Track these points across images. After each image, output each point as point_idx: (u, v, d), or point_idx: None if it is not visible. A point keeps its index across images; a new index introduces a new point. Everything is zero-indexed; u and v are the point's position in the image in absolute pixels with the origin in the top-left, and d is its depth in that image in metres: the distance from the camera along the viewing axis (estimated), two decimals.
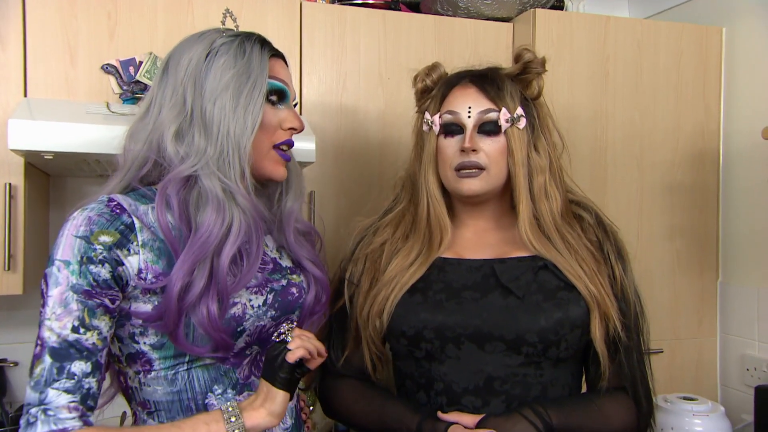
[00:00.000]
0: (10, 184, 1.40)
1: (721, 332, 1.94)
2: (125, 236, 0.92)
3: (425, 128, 1.21)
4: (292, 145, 1.07)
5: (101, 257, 0.90)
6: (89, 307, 0.89)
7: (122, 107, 1.41)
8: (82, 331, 0.88)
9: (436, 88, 1.22)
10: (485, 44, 1.79)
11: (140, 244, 0.93)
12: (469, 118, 1.14)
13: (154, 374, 0.97)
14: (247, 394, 1.01)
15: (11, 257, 1.41)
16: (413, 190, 1.23)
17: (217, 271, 0.94)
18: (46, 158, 1.31)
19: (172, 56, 1.02)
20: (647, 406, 1.16)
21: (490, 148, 1.14)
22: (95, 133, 1.28)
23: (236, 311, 0.97)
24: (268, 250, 1.08)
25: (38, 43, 1.45)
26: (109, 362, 0.98)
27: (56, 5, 1.46)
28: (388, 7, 1.81)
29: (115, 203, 0.93)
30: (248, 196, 0.98)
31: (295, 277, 1.08)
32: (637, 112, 1.86)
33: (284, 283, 1.06)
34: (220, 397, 0.99)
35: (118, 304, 0.93)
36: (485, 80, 1.17)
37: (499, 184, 1.16)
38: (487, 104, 1.14)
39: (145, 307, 0.94)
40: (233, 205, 0.96)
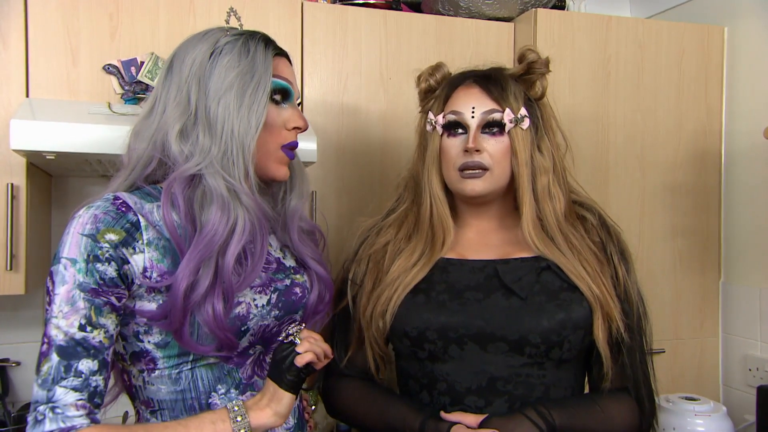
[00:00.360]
0: (12, 184, 1.40)
1: (723, 332, 1.94)
2: (131, 234, 0.92)
3: (429, 128, 1.21)
4: (296, 146, 1.07)
5: (108, 255, 0.90)
6: (96, 305, 0.89)
7: (124, 107, 1.42)
8: (89, 329, 0.88)
9: (439, 88, 1.22)
10: (486, 44, 1.79)
11: (145, 242, 0.93)
12: (472, 118, 1.14)
13: (158, 373, 0.97)
14: (250, 393, 1.01)
15: (13, 257, 1.41)
16: (416, 190, 1.23)
17: (222, 270, 0.94)
18: (47, 158, 1.31)
19: (176, 55, 1.02)
20: (650, 407, 1.16)
21: (493, 148, 1.14)
22: (97, 133, 1.28)
23: (240, 311, 0.97)
24: (271, 249, 1.08)
25: (40, 43, 1.45)
26: (113, 360, 0.98)
27: (58, 5, 1.46)
28: (389, 7, 1.81)
29: (120, 201, 0.93)
30: (252, 195, 0.98)
31: (298, 276, 1.08)
32: (638, 111, 1.86)
33: (288, 282, 1.06)
34: (223, 396, 0.99)
35: (124, 302, 0.93)
36: (489, 80, 1.17)
37: (502, 184, 1.16)
38: (490, 104, 1.14)
39: (149, 305, 0.94)
40: (238, 204, 0.96)
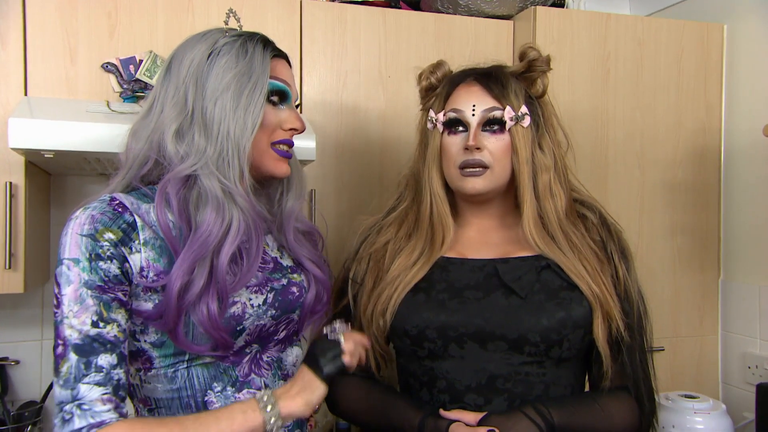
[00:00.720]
0: (10, 182, 1.40)
1: (722, 330, 1.94)
2: (128, 235, 0.92)
3: (429, 126, 1.20)
4: (291, 145, 1.07)
5: (109, 253, 0.90)
6: (104, 301, 0.89)
7: (122, 106, 1.42)
8: (101, 324, 0.88)
9: (440, 86, 1.21)
10: (486, 42, 1.79)
11: (142, 242, 0.93)
12: (473, 116, 1.14)
13: (154, 372, 0.97)
14: (246, 391, 1.01)
15: (12, 256, 1.41)
16: (417, 188, 1.23)
17: (216, 270, 0.94)
18: (46, 157, 1.31)
19: (175, 55, 1.02)
20: (650, 405, 1.15)
21: (494, 146, 1.13)
22: (95, 131, 1.28)
23: (236, 310, 0.97)
24: (268, 249, 1.08)
25: (38, 41, 1.45)
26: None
27: (56, 4, 1.46)
28: (388, 5, 1.81)
29: (117, 202, 0.93)
30: (247, 196, 0.98)
31: (295, 276, 1.08)
32: (638, 109, 1.86)
33: (284, 282, 1.06)
34: (219, 394, 0.99)
35: (128, 298, 0.93)
36: (490, 78, 1.16)
37: (503, 182, 1.16)
38: (491, 102, 1.14)
39: (146, 305, 0.94)
40: (232, 205, 0.96)
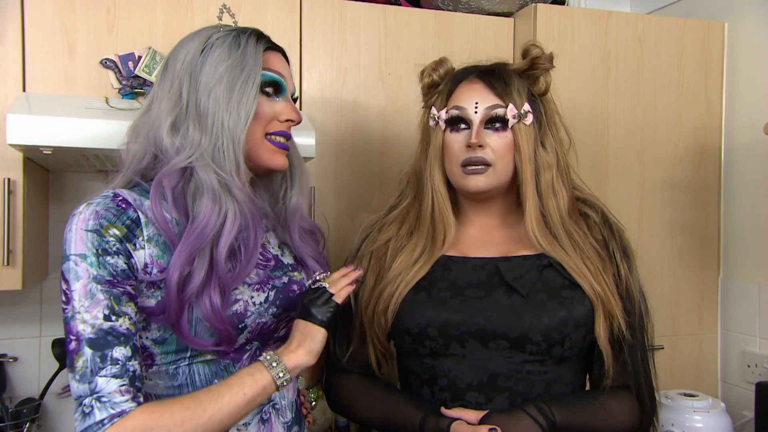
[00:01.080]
0: (8, 179, 1.40)
1: (722, 328, 1.94)
2: (131, 231, 0.92)
3: (431, 123, 1.20)
4: (288, 137, 1.07)
5: (115, 248, 0.90)
6: (114, 295, 0.89)
7: (121, 102, 1.41)
8: (113, 318, 0.88)
9: (443, 83, 1.21)
10: (486, 39, 1.78)
11: (146, 238, 0.93)
12: (475, 113, 1.13)
13: (155, 368, 0.97)
14: None
15: (10, 252, 1.41)
16: (418, 186, 1.23)
17: (216, 261, 0.94)
18: (44, 153, 1.30)
19: (172, 53, 1.03)
20: (651, 404, 1.15)
21: (496, 143, 1.13)
22: (94, 127, 1.28)
23: (238, 308, 0.97)
24: (270, 247, 1.08)
25: (37, 37, 1.44)
26: None
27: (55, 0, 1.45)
28: (388, 1, 1.80)
29: (120, 198, 0.93)
30: (243, 188, 0.98)
31: (296, 274, 1.08)
32: (638, 107, 1.85)
33: (286, 280, 1.06)
34: None
35: (135, 292, 0.93)
36: (492, 76, 1.16)
37: (505, 180, 1.15)
38: (494, 100, 1.14)
39: (149, 302, 0.94)
40: (229, 196, 0.96)
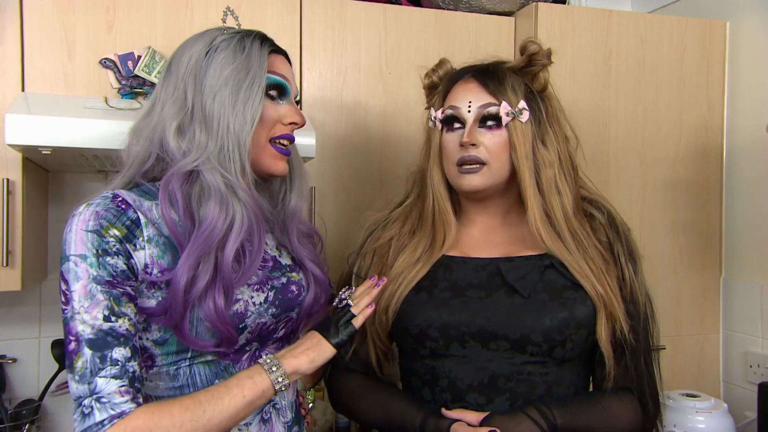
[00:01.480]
0: (7, 179, 1.39)
1: (723, 329, 1.93)
2: (131, 232, 0.92)
3: (430, 124, 1.21)
4: (292, 140, 1.07)
5: (115, 249, 0.90)
6: (114, 295, 0.89)
7: (120, 102, 1.40)
8: (113, 319, 0.88)
9: (442, 83, 1.21)
10: (487, 39, 1.78)
11: (146, 239, 0.93)
12: (469, 112, 1.13)
13: (156, 370, 0.97)
14: None
15: (9, 253, 1.40)
16: (422, 185, 1.23)
17: (221, 265, 0.94)
18: (43, 153, 1.30)
19: (175, 55, 1.03)
20: (654, 408, 1.14)
21: (490, 142, 1.13)
22: (93, 127, 1.27)
23: (238, 308, 0.97)
24: (268, 248, 1.08)
25: (36, 37, 1.44)
26: None
27: None
28: (388, 1, 1.79)
29: (120, 199, 0.93)
30: (249, 191, 0.98)
31: (294, 275, 1.08)
32: (639, 106, 1.85)
33: (284, 280, 1.06)
34: None
35: (135, 293, 0.93)
36: (487, 74, 1.16)
37: (501, 179, 1.15)
38: (487, 98, 1.13)
39: (149, 302, 0.93)
40: (235, 199, 0.96)
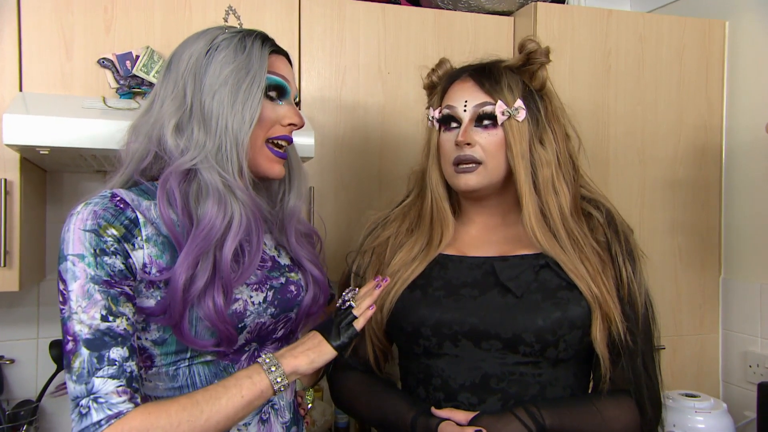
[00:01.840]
0: (5, 179, 1.39)
1: (723, 329, 1.93)
2: (130, 231, 0.91)
3: (429, 124, 1.21)
4: (290, 141, 1.07)
5: (113, 249, 0.89)
6: (112, 295, 0.88)
7: (119, 102, 1.40)
8: (111, 318, 0.88)
9: (440, 83, 1.21)
10: (486, 38, 1.77)
11: (144, 239, 0.92)
12: (464, 111, 1.13)
13: (155, 370, 0.97)
14: None
15: (7, 254, 1.40)
16: (422, 184, 1.23)
17: (220, 264, 0.94)
18: (41, 153, 1.29)
19: (175, 53, 1.02)
20: (653, 412, 1.12)
21: (486, 141, 1.12)
22: (91, 127, 1.27)
23: (237, 307, 0.97)
24: (266, 248, 1.07)
25: (34, 37, 1.43)
26: None
27: None
28: (387, 0, 1.79)
29: (118, 198, 0.93)
30: (246, 190, 0.98)
31: (293, 275, 1.08)
32: (639, 106, 1.84)
33: (283, 280, 1.06)
34: None
35: (133, 292, 0.92)
36: (483, 73, 1.16)
37: (497, 178, 1.14)
38: (483, 97, 1.13)
39: (148, 302, 0.93)
40: (233, 198, 0.96)
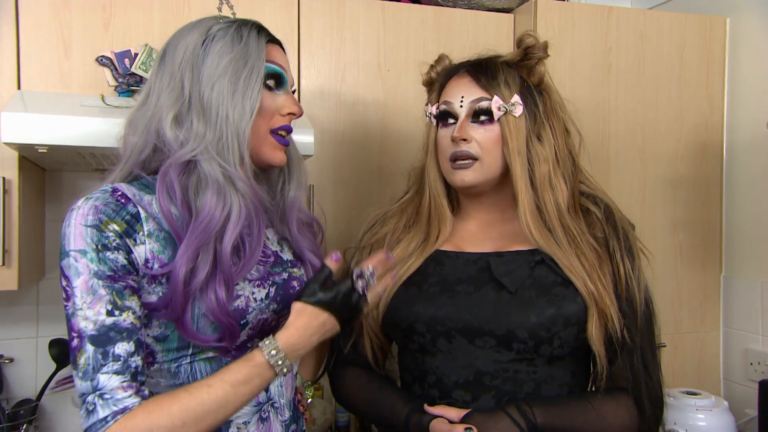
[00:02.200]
0: (4, 178, 1.38)
1: (724, 326, 1.93)
2: (131, 226, 0.91)
3: (427, 120, 1.20)
4: (290, 131, 1.06)
5: (115, 244, 0.89)
6: (116, 289, 0.88)
7: (117, 100, 1.40)
8: (117, 313, 0.87)
9: (438, 79, 1.21)
10: (486, 35, 1.77)
11: (146, 234, 0.92)
12: (461, 107, 1.13)
13: (156, 366, 0.97)
14: None
15: (6, 252, 1.39)
16: (420, 181, 1.23)
17: (220, 256, 0.93)
18: (40, 152, 1.29)
19: (168, 44, 1.01)
20: (652, 411, 1.10)
21: (482, 137, 1.12)
22: (90, 126, 1.27)
23: (239, 304, 0.96)
24: (269, 243, 1.07)
25: (32, 34, 1.43)
26: None
27: None
28: None
29: (119, 193, 0.92)
30: (248, 181, 0.97)
31: (296, 270, 1.08)
32: (639, 104, 1.84)
33: (285, 276, 1.05)
34: None
35: (138, 287, 0.92)
36: (480, 69, 1.15)
37: (494, 174, 1.14)
38: (479, 93, 1.13)
39: (150, 297, 0.92)
40: (233, 190, 0.95)
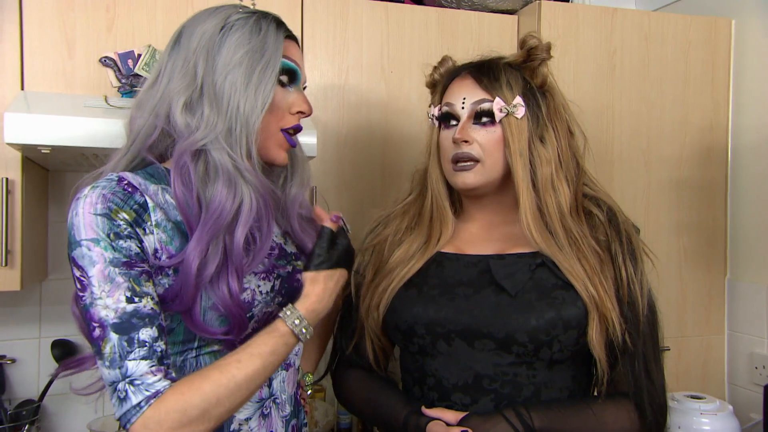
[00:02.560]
0: (7, 178, 1.39)
1: (729, 330, 1.92)
2: (140, 216, 0.89)
3: (430, 121, 1.20)
4: (299, 129, 1.06)
5: (127, 232, 0.88)
6: (133, 276, 0.87)
7: (121, 100, 1.39)
8: (136, 299, 0.86)
9: (441, 80, 1.21)
10: (489, 37, 1.76)
11: (154, 224, 0.91)
12: (462, 109, 1.13)
13: None
14: None
15: (9, 253, 1.39)
16: (423, 182, 1.23)
17: (231, 248, 0.92)
18: (43, 152, 1.29)
19: (185, 27, 1.00)
20: (654, 417, 1.09)
21: (484, 138, 1.11)
22: (93, 126, 1.27)
23: (246, 297, 0.96)
24: (273, 235, 1.06)
25: (35, 35, 1.43)
26: None
27: None
28: None
29: (126, 182, 0.90)
30: (255, 173, 0.96)
31: (299, 263, 1.08)
32: (644, 105, 1.83)
33: (290, 269, 1.05)
34: None
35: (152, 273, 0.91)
36: (482, 70, 1.15)
37: (496, 176, 1.13)
38: (481, 94, 1.12)
39: (158, 288, 0.92)
40: (243, 181, 0.94)
